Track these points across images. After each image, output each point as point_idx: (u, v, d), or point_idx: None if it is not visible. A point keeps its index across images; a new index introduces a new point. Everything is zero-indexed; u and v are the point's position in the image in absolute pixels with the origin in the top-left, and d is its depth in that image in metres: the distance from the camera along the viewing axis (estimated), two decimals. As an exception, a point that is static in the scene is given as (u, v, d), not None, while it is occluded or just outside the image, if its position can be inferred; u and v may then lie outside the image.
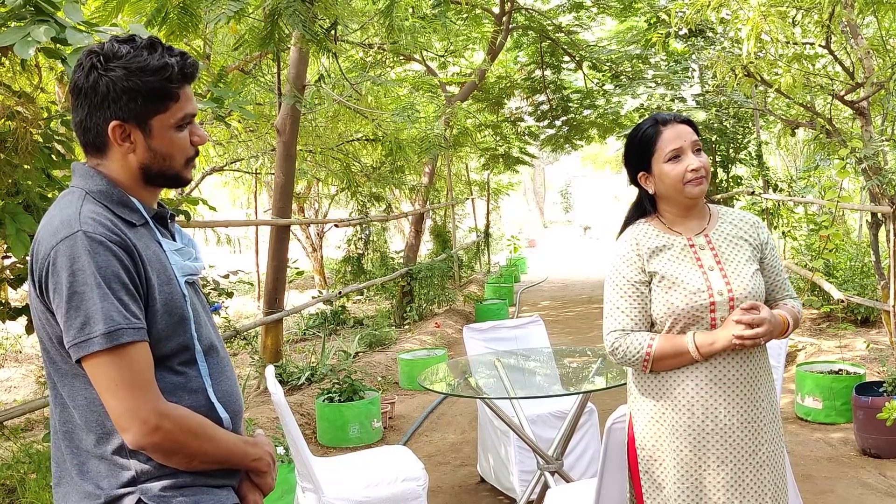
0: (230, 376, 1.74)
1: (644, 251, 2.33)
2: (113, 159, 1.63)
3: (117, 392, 1.50)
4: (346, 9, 5.56)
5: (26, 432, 5.50)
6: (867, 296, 7.46)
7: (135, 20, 5.40)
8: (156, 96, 1.59)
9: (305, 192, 13.59)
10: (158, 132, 1.62)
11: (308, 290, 14.09)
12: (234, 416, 1.71)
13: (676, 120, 2.32)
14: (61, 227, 1.53)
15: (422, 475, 3.60)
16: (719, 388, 2.25)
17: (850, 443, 4.99)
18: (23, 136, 3.46)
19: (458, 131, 11.56)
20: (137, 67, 1.57)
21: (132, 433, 1.51)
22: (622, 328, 2.32)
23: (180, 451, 1.56)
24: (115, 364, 1.49)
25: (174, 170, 1.67)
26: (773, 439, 2.31)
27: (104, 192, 1.60)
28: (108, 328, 1.48)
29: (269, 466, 1.74)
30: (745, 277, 2.28)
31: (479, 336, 4.95)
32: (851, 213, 11.43)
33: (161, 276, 1.60)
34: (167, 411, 1.54)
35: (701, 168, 2.27)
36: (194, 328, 1.65)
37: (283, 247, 7.23)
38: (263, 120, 8.80)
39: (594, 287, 14.91)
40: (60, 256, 1.50)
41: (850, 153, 6.00)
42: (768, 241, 2.40)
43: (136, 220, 1.62)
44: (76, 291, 1.48)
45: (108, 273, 1.50)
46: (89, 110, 1.60)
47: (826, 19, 5.97)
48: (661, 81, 10.95)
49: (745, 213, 2.45)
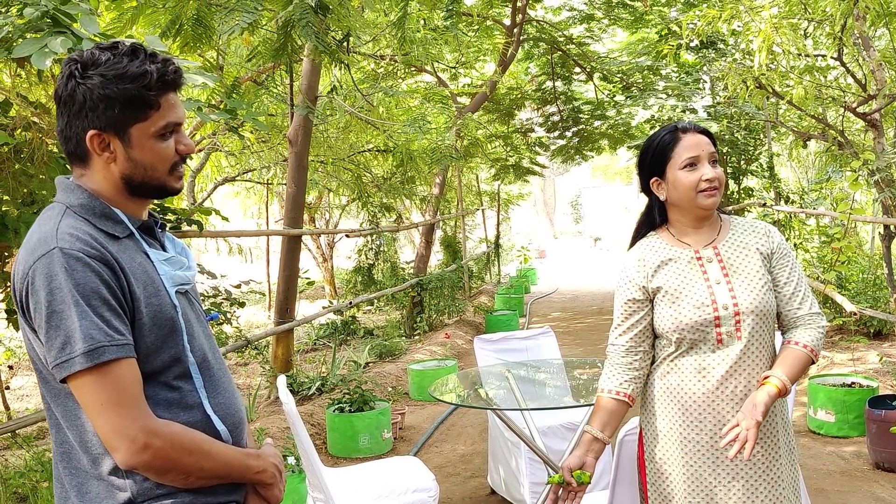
0: (227, 388, 1.68)
1: (649, 267, 2.33)
2: (95, 169, 1.58)
3: (103, 411, 1.45)
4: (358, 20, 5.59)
5: (39, 441, 5.53)
6: (880, 308, 7.42)
7: (149, 31, 5.45)
8: (134, 104, 1.54)
9: (317, 202, 13.64)
10: (138, 141, 1.56)
11: (318, 300, 14.12)
12: (233, 429, 1.66)
13: (696, 129, 2.31)
14: (38, 245, 1.48)
15: (433, 486, 3.59)
16: (732, 401, 2.23)
17: (864, 456, 4.95)
18: (38, 146, 3.49)
19: (468, 142, 11.59)
20: (115, 75, 1.52)
21: (121, 453, 1.46)
22: (615, 344, 2.37)
23: (173, 469, 1.51)
24: (99, 383, 1.44)
25: (158, 180, 1.61)
26: (789, 453, 2.30)
27: (85, 205, 1.56)
28: (87, 347, 1.42)
29: (275, 478, 1.68)
30: (752, 290, 2.24)
31: (489, 347, 4.94)
32: (864, 226, 11.37)
33: (148, 288, 1.55)
34: (156, 429, 1.48)
35: (715, 179, 2.26)
36: (186, 339, 1.60)
37: (294, 257, 7.26)
38: (276, 131, 8.85)
39: (604, 298, 14.88)
40: (38, 275, 1.45)
41: (863, 165, 5.98)
42: (779, 248, 2.31)
43: (119, 233, 1.57)
44: (55, 310, 1.43)
45: (86, 290, 1.45)
46: (68, 119, 1.56)
47: (838, 31, 5.97)
48: (672, 93, 10.95)
49: (757, 222, 2.38)
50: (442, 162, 9.33)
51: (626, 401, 2.31)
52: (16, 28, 2.89)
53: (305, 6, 4.52)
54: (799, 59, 6.40)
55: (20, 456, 4.85)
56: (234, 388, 1.72)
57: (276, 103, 8.75)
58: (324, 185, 11.40)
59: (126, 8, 5.23)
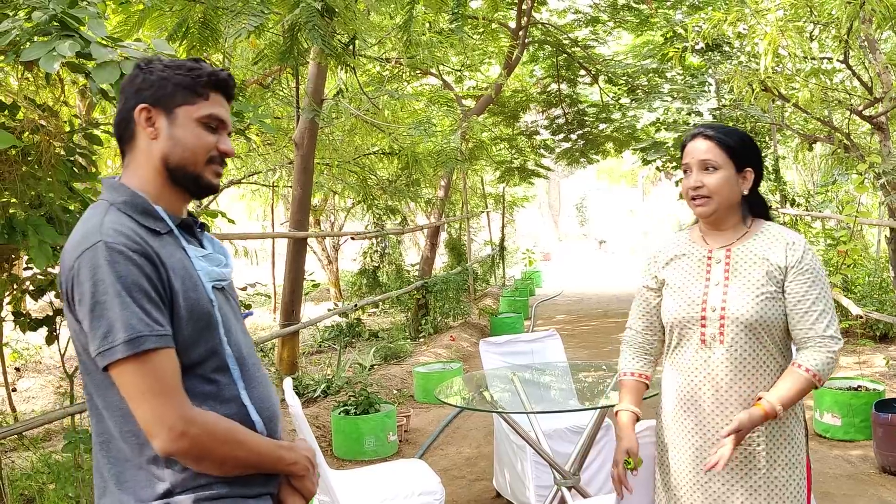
0: (263, 381, 1.75)
1: (662, 260, 2.41)
2: (139, 150, 1.68)
3: (143, 400, 1.52)
4: (364, 24, 5.60)
5: (45, 442, 5.54)
6: (886, 311, 7.41)
7: (156, 35, 5.46)
8: (185, 88, 1.67)
9: (322, 204, 13.66)
10: (183, 121, 1.67)
11: (324, 302, 14.13)
12: (268, 422, 1.71)
13: (701, 135, 2.29)
14: (83, 240, 1.56)
15: (438, 489, 3.59)
16: (709, 403, 2.27)
17: (870, 460, 4.94)
18: (46, 149, 3.50)
19: (473, 145, 11.59)
20: (173, 65, 1.69)
21: (160, 440, 1.52)
22: (631, 327, 2.50)
23: (209, 457, 1.56)
24: (140, 371, 1.51)
25: (194, 166, 1.69)
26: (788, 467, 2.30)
27: (128, 202, 1.64)
28: (129, 335, 1.50)
29: (307, 470, 1.73)
30: (745, 298, 2.21)
31: (495, 350, 4.94)
32: (870, 229, 11.35)
33: (186, 283, 1.62)
34: (193, 417, 1.54)
35: (702, 188, 2.24)
36: (223, 333, 1.67)
37: (299, 259, 7.27)
38: (282, 133, 8.86)
39: (609, 301, 14.87)
40: (83, 268, 1.53)
41: (869, 168, 5.98)
42: (800, 263, 2.21)
43: (160, 229, 1.64)
44: (98, 301, 1.51)
45: (128, 282, 1.52)
46: (125, 102, 1.68)
47: (844, 34, 5.96)
48: (677, 95, 10.95)
49: (787, 233, 2.29)
50: (447, 164, 9.34)
51: (644, 381, 2.47)
52: (24, 32, 2.90)
53: (312, 9, 4.53)
54: (805, 62, 6.40)
55: (27, 458, 4.86)
56: (269, 382, 1.79)
57: (283, 106, 8.77)
58: (329, 187, 11.42)
59: (133, 11, 5.24)
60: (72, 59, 2.92)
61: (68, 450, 4.08)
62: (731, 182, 2.25)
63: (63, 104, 4.27)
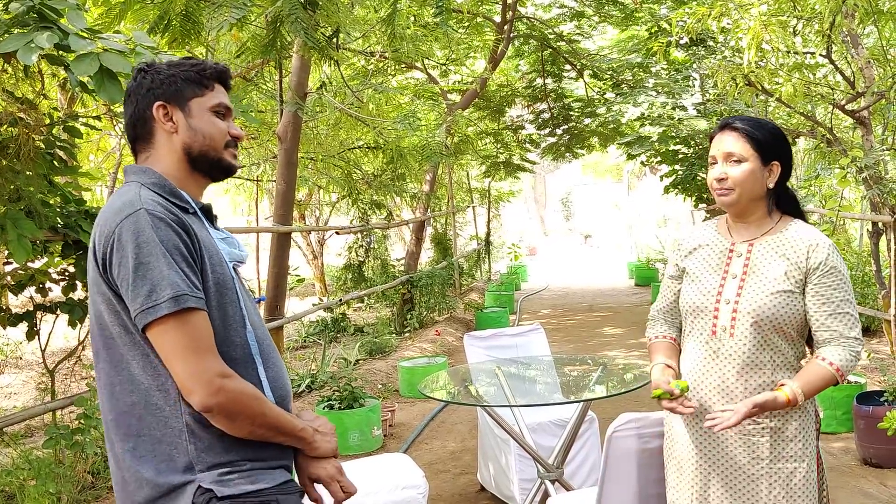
0: (277, 362, 1.82)
1: (685, 249, 2.46)
2: (159, 144, 1.78)
3: (183, 356, 1.58)
4: (348, 17, 5.57)
5: (26, 438, 5.50)
6: (868, 305, 7.46)
7: (137, 27, 5.41)
8: (192, 81, 1.78)
9: (306, 199, 13.61)
10: (198, 112, 1.78)
11: (308, 297, 14.08)
12: (280, 401, 1.77)
13: (729, 127, 2.29)
14: (124, 207, 1.64)
15: (422, 483, 3.59)
16: (712, 394, 2.30)
17: (851, 452, 4.98)
18: (25, 142, 3.47)
19: (459, 139, 11.58)
20: (176, 63, 1.81)
21: (198, 395, 1.59)
22: (657, 309, 2.55)
23: (243, 413, 1.63)
24: (181, 328, 1.58)
25: (215, 150, 1.80)
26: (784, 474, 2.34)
27: (157, 183, 1.73)
28: (174, 293, 1.57)
29: (313, 436, 1.79)
30: (760, 294, 2.22)
31: (479, 344, 4.94)
32: (852, 223, 11.43)
33: (213, 258, 1.71)
34: (229, 373, 1.62)
35: (726, 179, 2.26)
36: (245, 311, 1.75)
37: (284, 254, 7.23)
38: (265, 127, 8.80)
39: (595, 295, 14.91)
40: (125, 232, 1.60)
41: (851, 162, 6.00)
42: (823, 266, 2.21)
43: (188, 208, 1.76)
44: (142, 262, 1.58)
45: (170, 245, 1.61)
46: (137, 103, 1.78)
47: (827, 29, 5.99)
48: (661, 90, 10.96)
49: (812, 233, 2.28)
50: (432, 159, 9.32)
51: (672, 343, 2.48)
52: (1, 23, 2.86)
53: (294, 2, 4.50)
54: (788, 57, 6.41)
55: (7, 454, 4.82)
56: (282, 363, 1.87)
57: (266, 100, 8.71)
58: (314, 181, 11.37)
59: (114, 3, 5.19)
60: (50, 51, 2.90)
61: (49, 445, 4.06)
62: (756, 174, 2.25)
63: (43, 97, 4.23)
